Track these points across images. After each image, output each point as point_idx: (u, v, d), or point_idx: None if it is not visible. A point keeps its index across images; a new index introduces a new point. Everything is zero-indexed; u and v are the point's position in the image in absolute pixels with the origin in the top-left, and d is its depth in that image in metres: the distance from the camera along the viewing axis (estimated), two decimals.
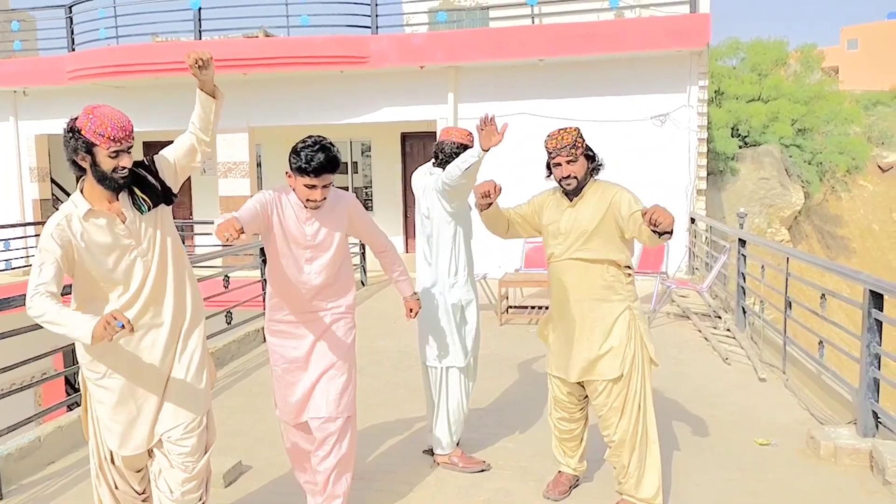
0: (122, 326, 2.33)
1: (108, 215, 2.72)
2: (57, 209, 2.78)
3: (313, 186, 3.08)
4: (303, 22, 12.33)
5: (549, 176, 3.51)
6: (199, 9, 12.17)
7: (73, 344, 5.04)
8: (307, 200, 3.13)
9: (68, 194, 16.02)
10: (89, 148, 2.61)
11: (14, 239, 13.35)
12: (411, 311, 3.75)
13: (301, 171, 3.04)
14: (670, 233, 2.95)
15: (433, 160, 4.12)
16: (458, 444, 4.21)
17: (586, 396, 3.63)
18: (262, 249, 3.83)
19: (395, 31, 13.02)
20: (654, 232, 2.97)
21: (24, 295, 2.56)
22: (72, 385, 12.03)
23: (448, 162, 3.93)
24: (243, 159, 12.62)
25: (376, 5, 11.83)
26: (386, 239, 3.66)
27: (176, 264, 2.89)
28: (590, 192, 3.42)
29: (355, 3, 11.98)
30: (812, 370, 5.56)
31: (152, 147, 13.57)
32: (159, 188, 2.82)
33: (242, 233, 2.76)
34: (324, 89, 12.17)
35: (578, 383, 3.56)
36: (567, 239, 3.42)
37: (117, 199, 2.74)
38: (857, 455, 4.04)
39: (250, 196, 12.50)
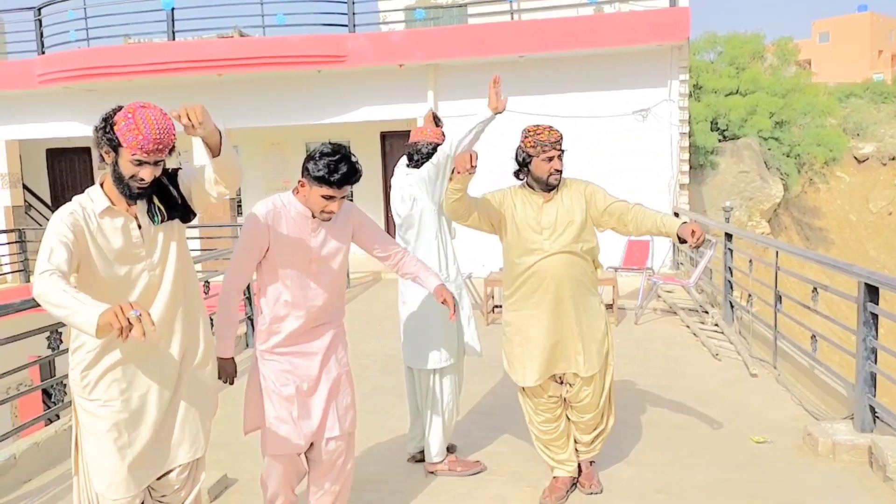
0: (139, 316, 1.98)
1: (126, 216, 2.52)
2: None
3: (331, 198, 2.87)
4: (278, 21, 12.16)
5: (525, 173, 3.51)
6: (172, 9, 11.93)
7: (51, 354, 4.92)
8: (322, 212, 2.90)
9: (41, 201, 15.71)
10: (115, 146, 2.40)
11: None
12: (445, 302, 3.23)
13: (321, 180, 2.81)
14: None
15: (407, 161, 4.02)
16: (448, 449, 4.11)
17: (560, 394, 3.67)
18: None
19: (371, 29, 12.88)
20: (680, 241, 3.28)
21: None
22: (50, 397, 11.76)
23: (424, 162, 3.87)
24: None
25: (353, 3, 11.68)
26: (395, 243, 3.37)
27: (187, 287, 2.68)
28: (562, 187, 3.52)
29: (332, 2, 11.82)
30: (803, 364, 5.51)
31: None
32: (179, 202, 2.61)
33: None
34: (301, 89, 11.98)
35: (557, 381, 3.61)
36: (554, 232, 3.44)
37: (136, 203, 2.53)
38: (855, 451, 3.99)
39: (228, 199, 12.40)
